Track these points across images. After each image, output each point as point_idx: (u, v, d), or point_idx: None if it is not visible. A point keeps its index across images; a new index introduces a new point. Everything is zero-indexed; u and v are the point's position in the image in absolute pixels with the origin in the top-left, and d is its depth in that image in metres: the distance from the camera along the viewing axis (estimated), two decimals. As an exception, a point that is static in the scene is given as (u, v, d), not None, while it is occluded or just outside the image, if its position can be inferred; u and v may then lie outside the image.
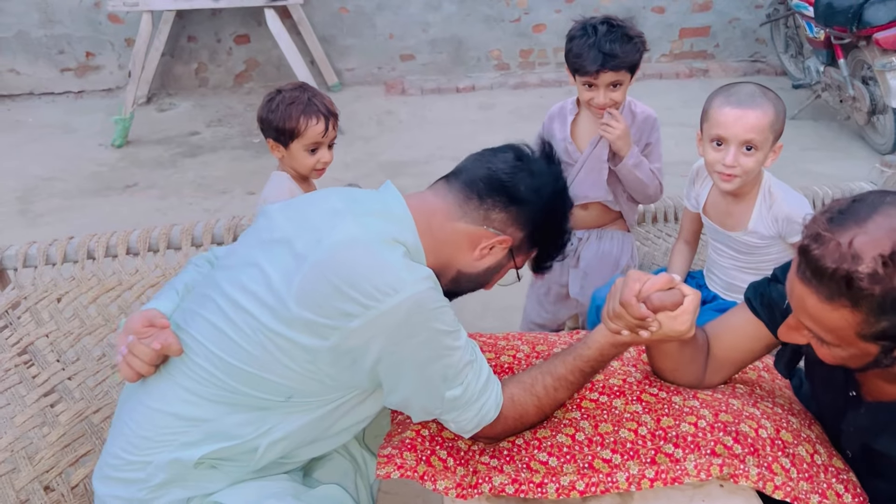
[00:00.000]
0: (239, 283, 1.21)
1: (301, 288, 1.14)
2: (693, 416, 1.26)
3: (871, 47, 4.01)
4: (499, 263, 1.32)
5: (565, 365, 1.28)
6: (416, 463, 1.24)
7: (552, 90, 5.56)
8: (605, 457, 1.23)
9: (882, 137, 4.26)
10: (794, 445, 1.23)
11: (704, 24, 5.85)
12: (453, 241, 1.27)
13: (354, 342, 1.13)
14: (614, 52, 1.90)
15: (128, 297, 1.97)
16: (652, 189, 2.10)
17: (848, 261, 0.97)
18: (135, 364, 1.20)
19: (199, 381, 1.19)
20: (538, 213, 1.30)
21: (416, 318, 1.13)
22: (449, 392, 1.19)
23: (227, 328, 1.19)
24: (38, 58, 5.44)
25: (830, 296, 1.00)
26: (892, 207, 0.99)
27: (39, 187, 4.21)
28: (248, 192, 4.08)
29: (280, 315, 1.15)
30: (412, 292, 1.12)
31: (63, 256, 2.05)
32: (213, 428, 1.19)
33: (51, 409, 1.63)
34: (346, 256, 1.15)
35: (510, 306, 2.78)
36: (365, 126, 5.02)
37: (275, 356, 1.15)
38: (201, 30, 5.49)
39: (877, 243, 0.96)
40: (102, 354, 1.80)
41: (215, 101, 5.49)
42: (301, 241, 1.20)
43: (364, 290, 1.11)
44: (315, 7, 5.45)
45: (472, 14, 5.63)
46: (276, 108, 1.90)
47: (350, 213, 1.22)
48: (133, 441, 1.21)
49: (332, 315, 1.12)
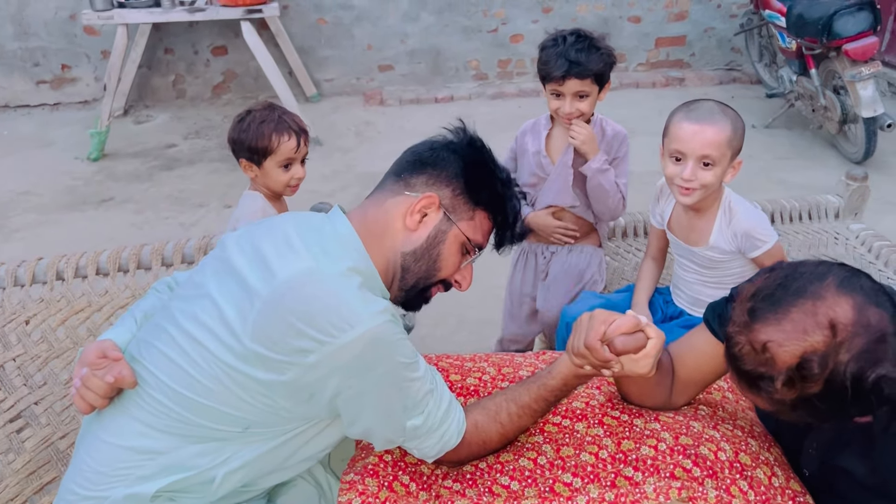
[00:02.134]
0: (193, 315, 1.20)
1: (255, 324, 1.13)
2: (653, 440, 1.28)
3: (842, 58, 4.07)
4: (439, 230, 1.28)
5: (529, 394, 1.30)
6: (377, 489, 1.24)
7: (530, 100, 5.59)
8: (565, 480, 1.24)
9: (853, 146, 4.33)
10: (753, 468, 1.25)
11: (680, 33, 5.91)
12: (390, 227, 1.28)
13: (311, 377, 1.12)
14: (579, 60, 1.95)
15: (97, 319, 1.95)
16: (613, 201, 2.12)
17: (762, 365, 1.00)
18: (88, 397, 1.19)
19: (153, 414, 1.18)
20: (457, 165, 1.30)
21: (374, 352, 1.13)
22: (409, 422, 1.20)
23: (181, 361, 1.18)
24: (13, 70, 5.40)
25: (750, 390, 1.05)
26: (811, 301, 0.98)
27: (14, 202, 4.18)
28: (225, 205, 4.07)
29: (234, 350, 1.14)
30: (368, 326, 1.11)
31: (32, 278, 2.03)
32: (168, 460, 1.18)
33: (17, 436, 1.62)
34: (301, 293, 1.14)
35: (485, 319, 2.79)
36: (343, 137, 5.03)
37: (230, 389, 1.15)
38: (178, 42, 5.48)
39: (788, 351, 0.97)
40: (70, 378, 1.79)
41: (193, 114, 5.47)
42: (253, 274, 1.19)
43: (319, 326, 1.10)
44: (293, 18, 5.45)
45: (451, 25, 5.66)
46: (248, 128, 1.92)
47: (302, 243, 1.21)
48: (89, 476, 1.20)
49: (287, 352, 1.11)
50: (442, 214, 1.28)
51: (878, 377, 0.94)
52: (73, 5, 5.21)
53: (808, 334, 0.97)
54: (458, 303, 2.22)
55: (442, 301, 1.44)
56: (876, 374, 0.94)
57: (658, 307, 2.02)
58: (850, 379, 0.94)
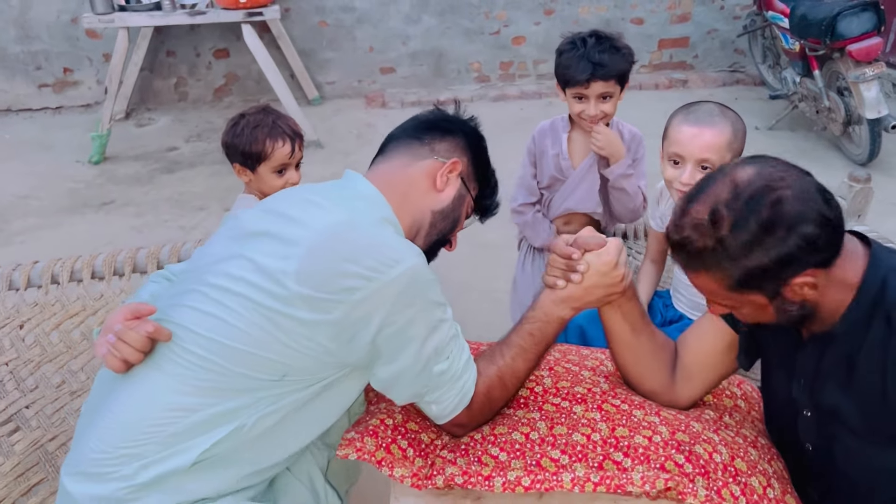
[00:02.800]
0: (224, 273, 1.21)
1: (300, 268, 1.15)
2: (649, 431, 1.27)
3: (845, 59, 4.04)
4: (460, 193, 1.40)
5: (516, 332, 1.35)
6: (375, 448, 1.26)
7: (532, 102, 5.57)
8: (553, 456, 1.24)
9: (858, 148, 4.29)
10: (748, 475, 1.23)
11: (683, 35, 5.88)
12: (417, 187, 1.35)
13: (357, 314, 1.15)
14: (603, 61, 1.93)
15: (91, 323, 1.94)
16: (633, 204, 2.12)
17: (685, 232, 1.10)
18: (125, 351, 1.17)
19: (189, 368, 1.17)
20: (468, 138, 1.43)
21: (414, 288, 1.18)
22: (437, 366, 1.23)
23: (217, 312, 1.18)
24: (15, 74, 5.41)
25: (687, 264, 1.14)
26: (720, 173, 1.11)
27: (15, 205, 4.17)
28: (226, 208, 4.06)
29: (277, 294, 1.15)
30: (411, 264, 1.17)
31: (27, 282, 2.03)
32: (201, 417, 1.16)
33: (7, 439, 1.61)
34: (344, 237, 1.19)
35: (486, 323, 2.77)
36: (345, 140, 5.02)
37: (271, 333, 1.15)
38: (180, 44, 5.48)
39: (702, 206, 1.09)
40: (62, 381, 1.78)
41: (195, 116, 5.47)
42: (286, 230, 1.21)
43: (366, 264, 1.15)
44: (295, 21, 5.45)
45: (452, 27, 5.65)
46: (241, 133, 1.89)
47: (328, 202, 1.26)
48: (119, 433, 1.17)
49: (334, 290, 1.14)
50: (461, 182, 1.40)
51: (777, 198, 1.04)
52: (74, 8, 5.22)
53: (715, 191, 1.09)
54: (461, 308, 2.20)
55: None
56: (775, 196, 1.04)
57: (657, 311, 1.99)
58: (755, 213, 1.04)
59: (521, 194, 2.26)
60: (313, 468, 1.40)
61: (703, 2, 5.77)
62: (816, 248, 1.06)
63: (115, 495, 1.15)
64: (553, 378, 1.43)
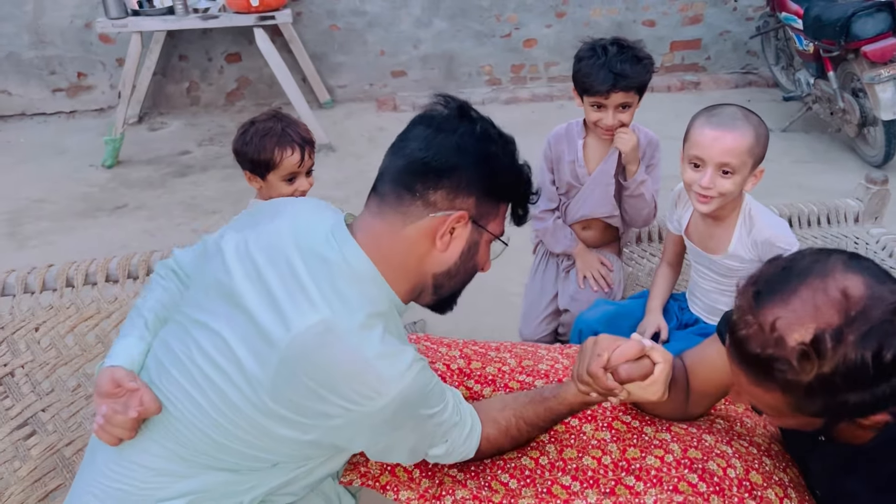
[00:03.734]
0: (206, 354, 1.13)
1: (274, 384, 1.06)
2: (661, 450, 1.25)
3: (860, 60, 4.01)
4: (471, 242, 1.19)
5: (537, 415, 1.30)
6: (380, 472, 1.26)
7: (544, 105, 5.56)
8: (564, 483, 1.23)
9: (873, 149, 4.26)
10: (764, 488, 1.20)
11: (695, 36, 5.86)
12: (412, 252, 1.16)
13: (337, 437, 1.12)
14: (625, 72, 1.91)
15: (106, 326, 1.95)
16: (648, 210, 2.12)
17: (772, 346, 0.92)
18: (115, 433, 1.15)
19: (178, 443, 1.15)
20: (474, 169, 1.14)
21: (404, 413, 1.10)
22: (432, 451, 1.21)
23: (201, 400, 1.12)
24: (29, 79, 5.44)
25: (759, 379, 0.97)
26: (819, 278, 0.92)
27: (29, 209, 4.20)
28: (238, 212, 4.07)
29: (256, 405, 1.09)
30: (398, 390, 1.06)
31: (42, 285, 2.03)
32: (191, 485, 1.16)
33: (23, 443, 1.61)
34: (320, 356, 1.05)
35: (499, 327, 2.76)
36: (356, 143, 5.02)
37: (256, 437, 1.12)
38: (192, 49, 5.50)
39: (800, 326, 0.90)
40: (78, 385, 1.78)
41: (207, 120, 5.49)
42: (265, 316, 1.09)
43: (344, 394, 1.05)
44: (306, 25, 5.46)
45: (463, 30, 5.65)
46: (250, 141, 1.87)
47: (313, 283, 1.10)
48: (109, 492, 1.17)
49: (310, 415, 1.08)
50: (471, 226, 1.18)
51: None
52: (88, 14, 5.25)
53: (820, 309, 0.90)
54: (473, 310, 2.20)
55: (456, 308, 1.43)
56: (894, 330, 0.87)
57: (673, 314, 1.98)
58: (870, 350, 0.87)
59: (542, 201, 2.24)
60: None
61: (715, 3, 5.74)
62: None
63: None
64: None
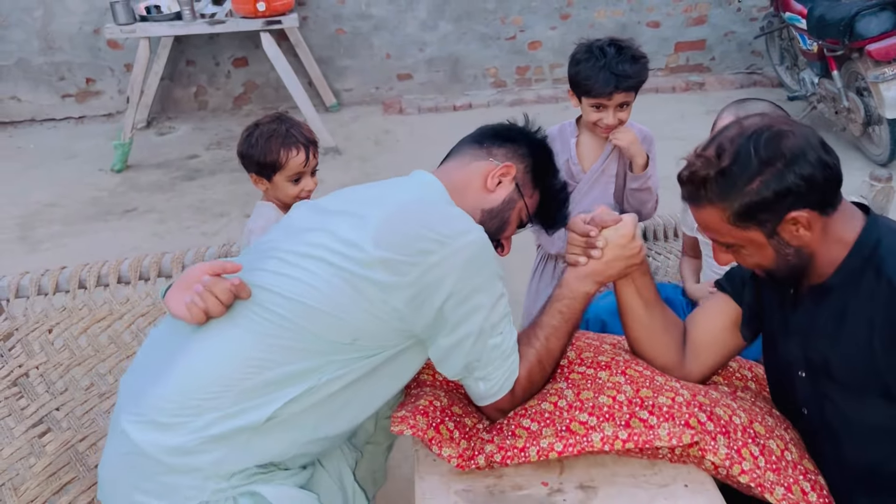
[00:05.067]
0: (304, 242, 1.29)
1: (379, 232, 1.23)
2: (671, 393, 1.31)
3: (864, 59, 4.02)
4: (510, 198, 1.45)
5: (546, 313, 1.41)
6: (426, 427, 1.30)
7: (549, 107, 5.58)
8: (581, 419, 1.28)
9: (878, 148, 4.26)
10: (766, 438, 1.27)
11: (700, 37, 5.87)
12: (471, 185, 1.43)
13: (430, 278, 1.22)
14: (626, 72, 1.94)
15: (118, 327, 1.98)
16: (652, 203, 2.15)
17: (692, 167, 1.20)
18: (210, 302, 1.22)
19: (265, 326, 1.22)
20: (529, 148, 1.49)
21: (482, 257, 1.26)
22: (492, 339, 1.28)
23: (297, 274, 1.24)
24: (39, 84, 5.50)
25: (693, 199, 1.22)
26: (728, 130, 1.19)
27: (40, 213, 4.25)
28: (246, 214, 4.10)
29: (356, 258, 1.22)
30: (479, 234, 1.27)
31: (55, 287, 2.06)
32: (273, 376, 1.20)
33: (38, 440, 1.65)
34: (418, 208, 1.31)
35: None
36: (363, 146, 5.05)
37: (349, 296, 1.21)
38: (200, 54, 5.55)
39: (710, 149, 1.19)
40: (91, 384, 1.81)
41: (214, 124, 5.54)
42: (362, 209, 1.30)
43: (440, 230, 1.24)
44: (312, 29, 5.50)
45: (469, 33, 5.68)
46: (256, 143, 1.90)
47: (397, 187, 1.41)
48: (194, 384, 1.20)
49: (411, 253, 1.22)
50: (514, 185, 1.46)
51: (778, 133, 1.14)
52: (96, 20, 5.30)
53: (724, 133, 1.19)
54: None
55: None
56: (776, 132, 1.14)
57: (680, 307, 2.01)
58: (751, 143, 1.14)
59: None
60: (343, 466, 1.43)
61: (719, 4, 5.76)
62: (812, 188, 1.14)
63: (185, 446, 1.19)
64: (576, 351, 1.48)
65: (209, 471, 1.19)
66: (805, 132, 1.16)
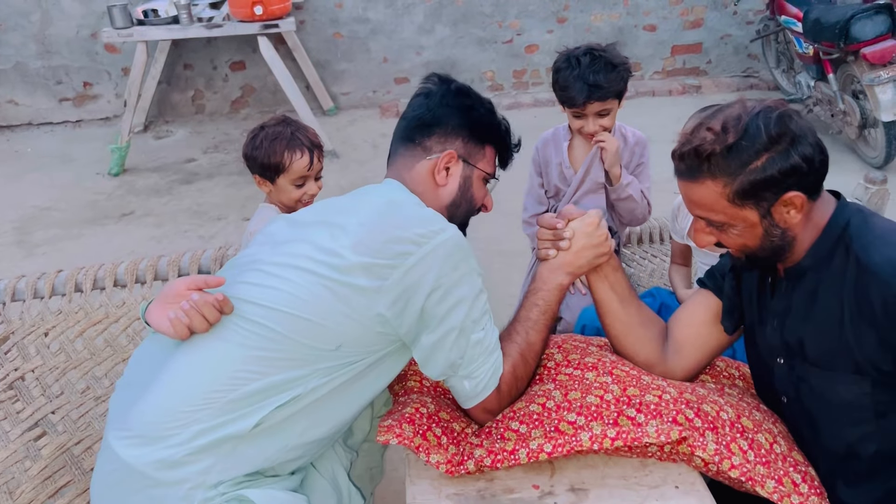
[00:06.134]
0: (283, 253, 1.31)
1: (356, 238, 1.26)
2: (658, 391, 1.32)
3: (860, 62, 4.03)
4: (464, 176, 1.47)
5: (522, 307, 1.44)
6: (413, 434, 1.30)
7: (546, 110, 5.59)
8: (570, 419, 1.29)
9: (874, 151, 4.27)
10: (754, 432, 1.28)
11: (696, 40, 5.89)
12: (425, 187, 1.45)
13: (411, 279, 1.24)
14: (598, 82, 1.93)
15: (114, 331, 1.98)
16: (641, 210, 2.13)
17: (696, 140, 1.19)
18: (196, 321, 1.22)
19: (250, 338, 1.23)
20: (457, 117, 1.46)
21: (459, 253, 1.28)
22: (474, 335, 1.29)
23: (278, 284, 1.26)
24: (36, 88, 5.51)
25: (692, 173, 1.22)
26: (731, 107, 1.22)
27: (37, 217, 4.25)
28: (244, 218, 4.11)
29: (336, 265, 1.24)
30: (454, 231, 1.30)
31: (51, 290, 2.06)
32: (259, 386, 1.21)
33: (34, 444, 1.64)
34: (392, 212, 1.33)
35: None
36: (360, 149, 5.06)
37: (331, 303, 1.23)
38: (197, 57, 5.56)
39: (714, 123, 1.19)
40: (87, 387, 1.81)
41: (212, 128, 5.54)
42: (338, 218, 1.32)
43: (415, 231, 1.26)
44: (310, 33, 5.51)
45: (466, 36, 5.69)
46: (260, 145, 1.90)
47: (370, 195, 1.41)
48: (179, 398, 1.21)
49: (389, 256, 1.24)
50: (462, 163, 1.46)
51: (785, 114, 1.17)
52: (94, 23, 5.31)
53: (727, 111, 1.21)
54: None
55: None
56: (783, 112, 1.17)
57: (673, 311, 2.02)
58: (761, 120, 1.16)
59: (531, 205, 2.28)
60: (337, 467, 1.44)
61: (715, 7, 5.77)
62: (811, 170, 1.18)
63: (171, 458, 1.19)
64: (563, 353, 1.48)
65: (196, 481, 1.19)
66: (803, 117, 1.20)
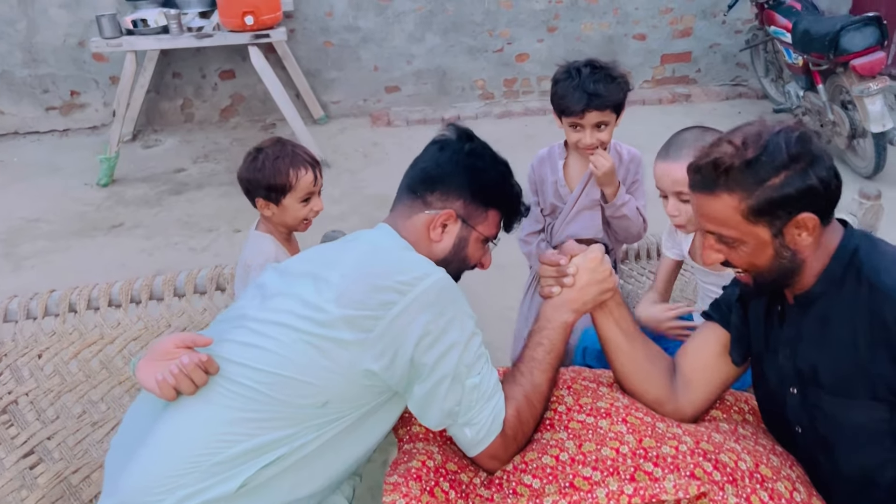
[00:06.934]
0: (268, 308, 1.29)
1: (339, 292, 1.24)
2: (675, 441, 1.29)
3: (849, 73, 4.06)
4: (461, 237, 1.46)
5: (527, 347, 1.40)
6: (420, 493, 1.26)
7: (537, 119, 5.60)
8: (585, 474, 1.25)
9: (863, 161, 4.31)
10: (774, 481, 1.25)
11: (685, 49, 5.92)
12: (418, 238, 1.43)
13: (396, 328, 1.21)
14: (598, 91, 1.94)
15: (110, 352, 1.95)
16: (636, 228, 2.13)
17: (715, 153, 1.20)
18: (184, 385, 1.21)
19: (234, 399, 1.21)
20: (463, 177, 1.45)
21: (445, 297, 1.26)
22: (469, 380, 1.26)
23: (262, 343, 1.24)
24: (22, 97, 5.44)
25: (708, 186, 1.21)
26: (751, 125, 1.23)
27: (24, 229, 4.19)
28: (235, 229, 4.08)
29: (318, 320, 1.22)
30: (439, 275, 1.27)
31: (44, 310, 2.03)
32: (245, 447, 1.19)
33: (29, 472, 1.61)
34: (375, 259, 1.32)
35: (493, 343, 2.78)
36: (351, 158, 5.04)
37: (314, 359, 1.21)
38: (186, 66, 5.52)
39: (735, 137, 1.20)
40: (83, 412, 1.78)
41: (201, 137, 5.50)
42: (323, 271, 1.30)
43: (398, 279, 1.24)
44: (300, 41, 5.49)
45: (456, 45, 5.68)
46: (263, 166, 1.85)
47: (356, 240, 1.42)
48: (163, 464, 1.19)
49: (373, 307, 1.22)
50: (460, 223, 1.45)
51: (805, 135, 1.18)
52: (81, 32, 5.26)
53: (746, 129, 1.22)
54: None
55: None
56: (803, 133, 1.18)
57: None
58: (781, 139, 1.17)
59: (527, 223, 2.27)
60: (339, 499, 1.41)
61: (705, 17, 5.80)
62: (826, 193, 1.18)
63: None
64: (574, 396, 1.45)
65: None
66: (820, 141, 1.21)
